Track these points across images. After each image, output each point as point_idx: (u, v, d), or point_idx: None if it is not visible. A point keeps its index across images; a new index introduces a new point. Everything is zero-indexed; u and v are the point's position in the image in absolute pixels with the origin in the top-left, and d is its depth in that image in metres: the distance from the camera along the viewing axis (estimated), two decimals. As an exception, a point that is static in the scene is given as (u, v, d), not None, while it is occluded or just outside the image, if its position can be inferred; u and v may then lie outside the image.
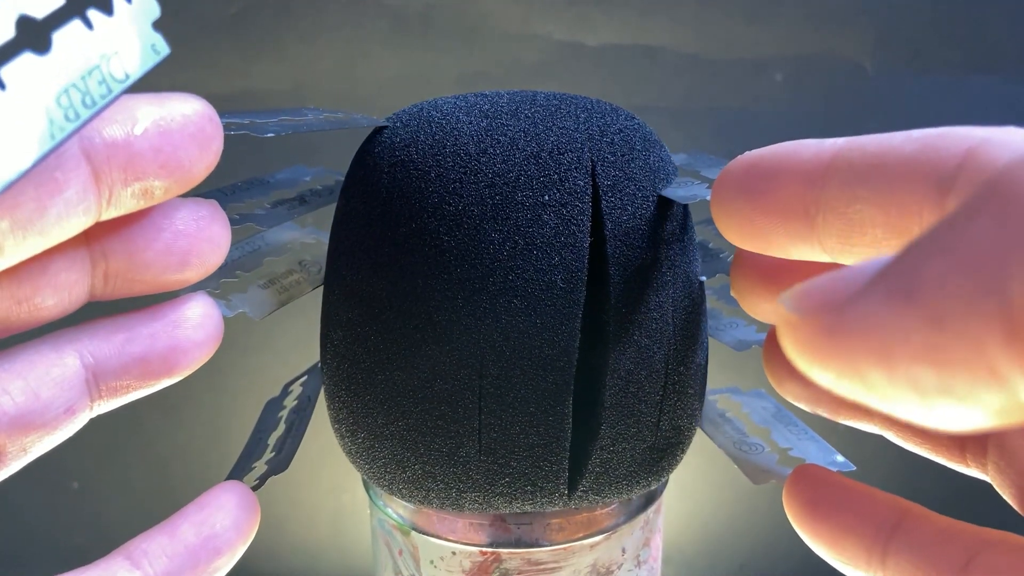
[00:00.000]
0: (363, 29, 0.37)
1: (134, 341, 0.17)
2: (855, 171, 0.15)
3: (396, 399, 0.19)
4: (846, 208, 0.16)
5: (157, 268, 0.17)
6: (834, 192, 0.16)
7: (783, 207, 0.16)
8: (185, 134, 0.16)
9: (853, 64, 0.38)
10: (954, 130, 0.15)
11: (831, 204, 0.16)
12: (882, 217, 0.15)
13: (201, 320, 0.18)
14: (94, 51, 0.14)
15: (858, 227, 0.15)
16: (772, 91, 0.39)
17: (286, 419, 0.22)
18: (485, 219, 0.18)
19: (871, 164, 0.15)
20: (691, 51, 0.38)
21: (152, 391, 0.18)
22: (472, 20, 0.37)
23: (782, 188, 0.16)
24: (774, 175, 0.17)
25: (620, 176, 0.19)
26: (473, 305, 0.18)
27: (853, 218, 0.15)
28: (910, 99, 0.38)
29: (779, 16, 0.38)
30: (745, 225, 0.17)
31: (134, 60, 0.15)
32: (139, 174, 0.16)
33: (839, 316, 0.11)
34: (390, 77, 0.38)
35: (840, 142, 0.16)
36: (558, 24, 0.37)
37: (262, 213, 0.21)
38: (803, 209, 0.16)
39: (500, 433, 0.19)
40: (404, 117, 0.20)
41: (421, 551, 0.22)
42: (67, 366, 0.17)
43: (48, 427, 0.17)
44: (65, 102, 0.14)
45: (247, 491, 0.20)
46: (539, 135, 0.19)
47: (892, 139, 0.15)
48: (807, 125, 0.38)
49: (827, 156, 0.16)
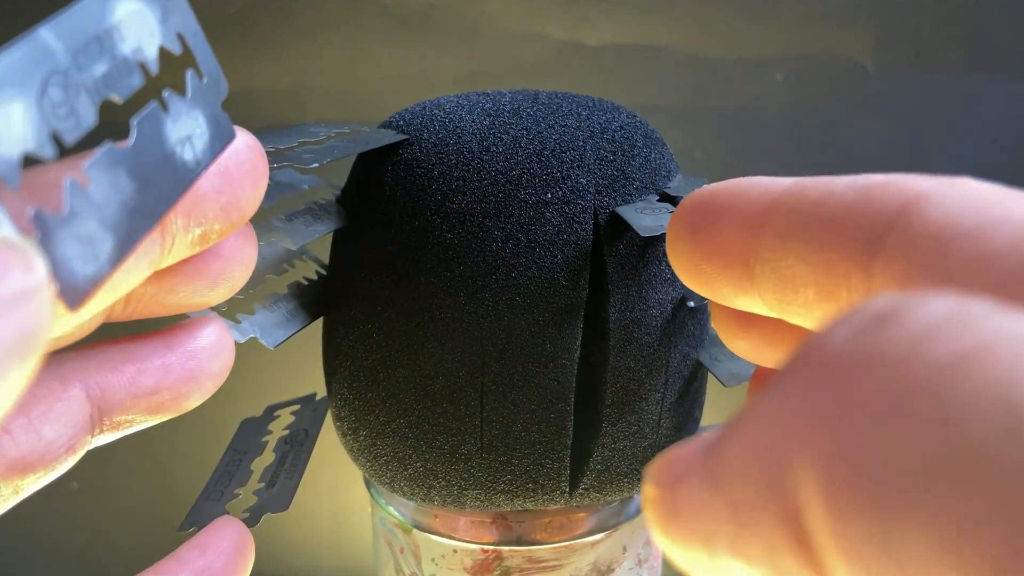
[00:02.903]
0: (363, 28, 0.37)
1: (145, 373, 0.16)
2: (790, 220, 0.13)
3: (398, 396, 0.19)
4: (779, 262, 0.14)
5: (185, 291, 0.16)
6: (769, 242, 0.14)
7: (724, 253, 0.14)
8: (241, 172, 0.15)
9: (854, 63, 0.38)
10: (896, 180, 0.12)
11: (766, 256, 0.14)
12: (812, 276, 0.13)
13: (216, 349, 0.17)
14: (171, 136, 0.13)
15: (791, 285, 0.13)
16: (773, 90, 0.39)
17: (276, 448, 0.21)
18: (488, 217, 0.18)
19: (807, 213, 0.13)
20: (692, 51, 0.38)
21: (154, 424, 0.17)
22: (472, 19, 0.37)
23: (723, 232, 0.14)
24: (717, 217, 0.15)
25: (620, 173, 0.19)
26: (475, 303, 0.18)
27: (785, 274, 0.13)
28: (911, 99, 0.38)
29: (780, 15, 0.38)
30: (691, 269, 0.15)
31: (204, 146, 0.14)
32: (201, 219, 0.14)
33: (673, 496, 0.10)
34: (390, 76, 0.38)
35: (787, 183, 0.14)
36: (558, 23, 0.37)
37: (280, 226, 0.19)
38: (743, 258, 0.14)
39: (502, 430, 0.19)
40: (407, 116, 0.20)
41: (422, 549, 0.22)
42: (72, 400, 0.15)
43: (47, 468, 0.15)
44: (142, 197, 0.12)
45: (244, 532, 0.18)
46: (541, 133, 0.19)
47: (834, 184, 0.13)
48: (808, 125, 0.38)
49: (769, 199, 0.14)
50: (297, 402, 0.23)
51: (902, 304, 0.08)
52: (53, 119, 0.11)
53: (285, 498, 0.20)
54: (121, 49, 0.12)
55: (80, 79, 0.11)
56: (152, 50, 0.13)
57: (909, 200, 0.12)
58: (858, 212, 0.12)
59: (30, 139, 0.11)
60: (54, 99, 0.11)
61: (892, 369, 0.08)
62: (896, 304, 0.09)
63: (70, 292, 0.11)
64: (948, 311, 0.08)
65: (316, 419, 0.22)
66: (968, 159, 0.39)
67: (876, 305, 0.09)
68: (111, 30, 0.12)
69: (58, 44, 0.11)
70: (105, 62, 0.12)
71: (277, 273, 0.21)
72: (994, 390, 0.07)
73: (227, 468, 0.20)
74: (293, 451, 0.21)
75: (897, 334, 0.08)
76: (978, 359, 0.07)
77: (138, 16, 0.13)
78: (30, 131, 0.11)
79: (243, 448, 0.21)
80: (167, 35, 0.13)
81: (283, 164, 0.17)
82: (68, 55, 0.11)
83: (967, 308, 0.08)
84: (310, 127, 0.20)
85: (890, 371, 0.08)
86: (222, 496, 0.19)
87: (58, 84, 0.11)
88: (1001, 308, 0.08)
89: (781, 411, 0.09)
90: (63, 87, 0.11)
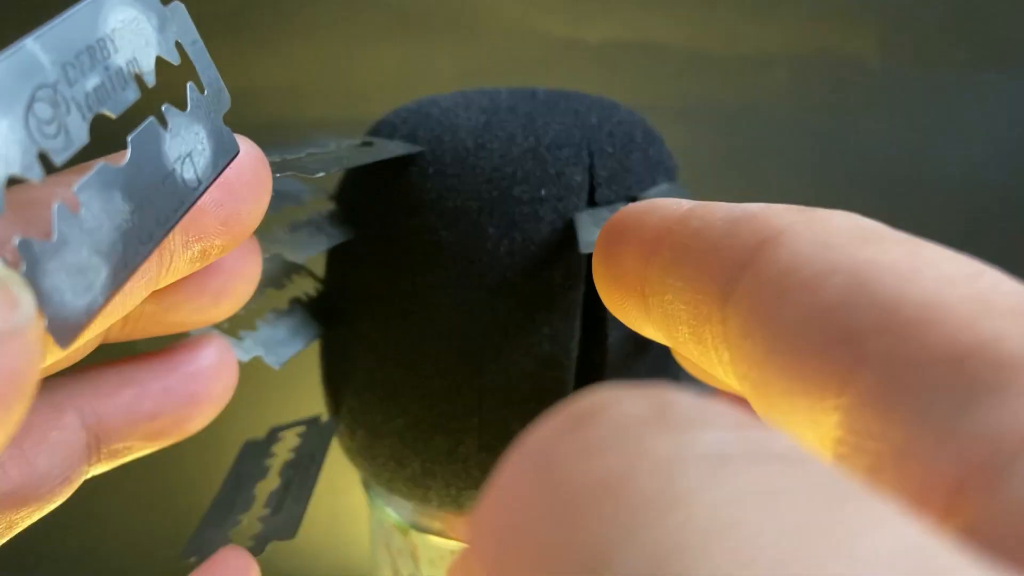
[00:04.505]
0: (361, 25, 0.37)
1: (145, 398, 0.15)
2: (672, 252, 0.12)
3: (395, 396, 0.19)
4: (662, 296, 0.12)
5: (187, 309, 0.15)
6: (655, 274, 0.13)
7: (623, 283, 0.13)
8: (242, 182, 0.14)
9: (857, 61, 0.38)
10: (761, 214, 0.11)
11: (652, 289, 0.13)
12: (685, 315, 0.12)
13: (219, 369, 0.16)
14: (170, 154, 0.12)
15: (672, 322, 0.12)
16: (775, 88, 0.38)
17: (281, 472, 0.20)
18: (483, 214, 0.18)
19: (684, 246, 0.12)
20: (693, 48, 0.38)
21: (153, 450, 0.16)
22: (471, 16, 0.37)
23: (623, 261, 0.13)
24: (619, 242, 0.13)
25: (618, 168, 0.19)
26: (472, 301, 0.18)
27: (668, 310, 0.12)
28: (915, 96, 0.38)
29: (782, 12, 0.37)
30: (603, 294, 0.14)
31: (206, 163, 0.13)
32: (200, 234, 0.13)
33: None
34: (388, 74, 0.37)
35: (684, 208, 0.13)
36: (558, 20, 0.37)
37: (284, 238, 0.19)
38: (639, 288, 0.13)
39: (500, 430, 0.19)
40: (402, 113, 0.20)
41: (420, 550, 0.22)
42: (67, 428, 0.14)
43: (42, 501, 0.14)
44: (139, 220, 0.11)
45: (251, 563, 0.17)
46: (537, 130, 0.19)
47: (714, 214, 0.12)
48: (810, 123, 0.38)
49: (664, 227, 0.13)
50: (302, 423, 0.22)
51: (585, 413, 0.08)
52: (40, 138, 0.10)
53: (291, 525, 0.19)
54: (115, 60, 0.11)
55: (70, 94, 0.11)
56: (148, 61, 0.12)
57: (766, 238, 0.11)
58: (723, 248, 0.11)
59: (15, 161, 0.10)
60: (41, 116, 0.10)
61: (549, 487, 0.07)
62: (582, 410, 0.08)
63: (60, 328, 0.10)
64: (615, 429, 0.07)
65: (322, 442, 0.21)
66: (971, 157, 0.38)
67: (573, 407, 0.08)
68: (104, 40, 0.11)
69: (46, 56, 0.10)
70: (97, 75, 0.11)
71: (278, 287, 0.20)
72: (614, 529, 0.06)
73: (229, 492, 0.20)
74: (299, 476, 0.20)
75: (566, 447, 0.07)
76: (607, 493, 0.07)
77: (133, 25, 0.12)
78: (15, 152, 0.10)
79: (246, 471, 0.20)
80: (164, 44, 0.12)
81: (286, 173, 0.16)
82: (57, 68, 0.10)
83: (630, 428, 0.07)
84: (320, 140, 0.19)
85: (548, 488, 0.07)
86: (225, 522, 0.19)
87: (46, 100, 0.10)
88: (679, 420, 0.07)
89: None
90: (51, 103, 0.10)
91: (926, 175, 0.38)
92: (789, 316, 0.10)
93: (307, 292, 0.21)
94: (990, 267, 0.10)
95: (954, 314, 0.09)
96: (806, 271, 0.10)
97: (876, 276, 0.09)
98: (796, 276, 0.10)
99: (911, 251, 0.10)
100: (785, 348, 0.10)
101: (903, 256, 0.10)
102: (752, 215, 0.11)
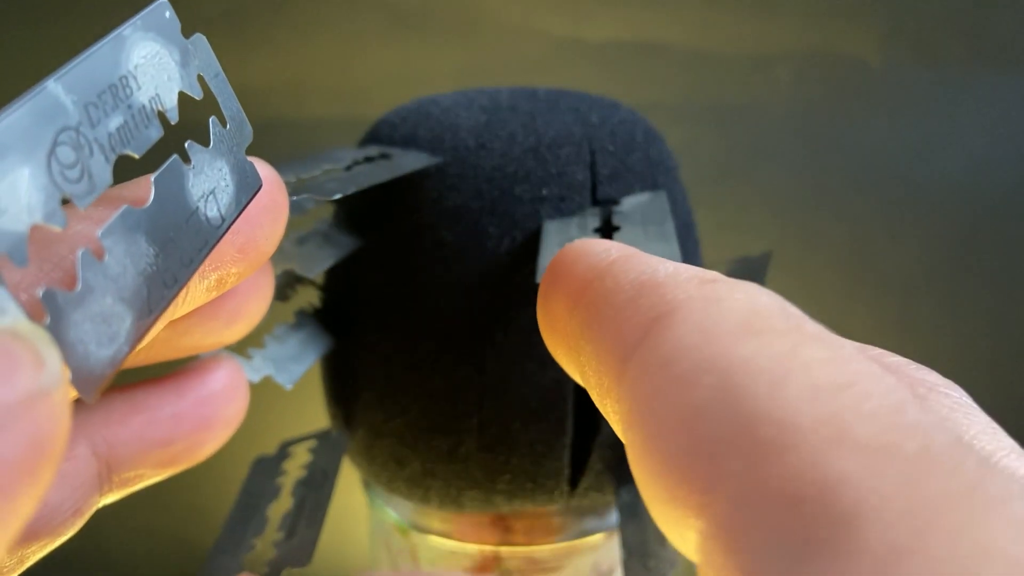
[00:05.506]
0: (361, 24, 0.37)
1: (156, 424, 0.14)
2: (588, 310, 0.12)
3: (395, 396, 0.19)
4: (578, 355, 0.12)
5: (200, 333, 0.14)
6: (575, 328, 0.12)
7: (556, 328, 0.13)
8: (259, 208, 0.13)
9: (858, 59, 0.38)
10: (668, 282, 0.11)
11: (574, 343, 0.12)
12: (594, 377, 0.11)
13: (231, 392, 0.15)
14: (194, 192, 0.12)
15: (588, 384, 0.12)
16: (776, 87, 0.38)
17: (293, 491, 0.20)
18: (483, 213, 0.18)
19: (598, 307, 0.11)
20: (694, 47, 0.38)
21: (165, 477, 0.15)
22: (471, 15, 0.37)
23: (554, 305, 0.13)
24: (552, 284, 0.13)
25: (620, 167, 0.19)
26: (472, 300, 0.18)
27: (583, 370, 0.12)
28: (916, 95, 0.38)
29: (783, 11, 0.37)
30: (541, 331, 0.13)
31: (229, 199, 0.12)
32: (216, 263, 0.13)
33: None
34: (388, 73, 0.37)
35: (611, 258, 0.12)
36: (559, 19, 0.37)
37: (293, 251, 0.18)
38: (565, 336, 0.12)
39: (500, 430, 0.19)
40: (403, 112, 0.20)
41: (420, 551, 0.22)
42: (77, 459, 0.14)
43: (53, 534, 0.13)
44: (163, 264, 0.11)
45: None
46: (538, 129, 0.19)
47: (627, 274, 0.11)
48: (812, 121, 0.38)
49: (589, 278, 0.12)
50: (313, 437, 0.21)
51: None
52: (64, 183, 0.10)
53: (306, 551, 0.18)
54: (138, 98, 0.11)
55: (93, 135, 0.10)
56: (171, 97, 0.11)
57: (660, 315, 0.10)
58: (623, 320, 0.11)
59: (38, 209, 0.09)
60: (64, 160, 0.10)
61: None
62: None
63: (84, 381, 0.10)
64: None
65: (334, 457, 0.21)
66: (973, 155, 0.38)
67: None
68: (126, 77, 0.11)
69: (68, 97, 0.10)
70: (120, 114, 0.11)
71: (283, 299, 0.20)
72: None
73: (241, 515, 0.19)
74: (312, 495, 0.20)
75: None
76: None
77: (156, 60, 0.11)
78: (38, 200, 0.09)
79: (258, 491, 0.20)
80: (187, 79, 0.12)
81: (303, 196, 0.16)
82: (79, 109, 0.10)
83: None
84: (335, 152, 0.19)
85: None
86: (238, 548, 0.18)
87: (69, 143, 0.10)
88: None
89: None
90: (74, 146, 0.10)
91: (926, 175, 0.38)
92: (661, 416, 0.09)
93: (312, 303, 0.21)
94: (872, 366, 0.09)
95: (806, 442, 0.08)
96: (683, 365, 0.09)
97: (744, 382, 0.09)
98: (672, 370, 0.09)
99: (789, 350, 0.09)
100: (656, 451, 0.09)
101: (779, 356, 0.09)
102: (655, 285, 0.11)
